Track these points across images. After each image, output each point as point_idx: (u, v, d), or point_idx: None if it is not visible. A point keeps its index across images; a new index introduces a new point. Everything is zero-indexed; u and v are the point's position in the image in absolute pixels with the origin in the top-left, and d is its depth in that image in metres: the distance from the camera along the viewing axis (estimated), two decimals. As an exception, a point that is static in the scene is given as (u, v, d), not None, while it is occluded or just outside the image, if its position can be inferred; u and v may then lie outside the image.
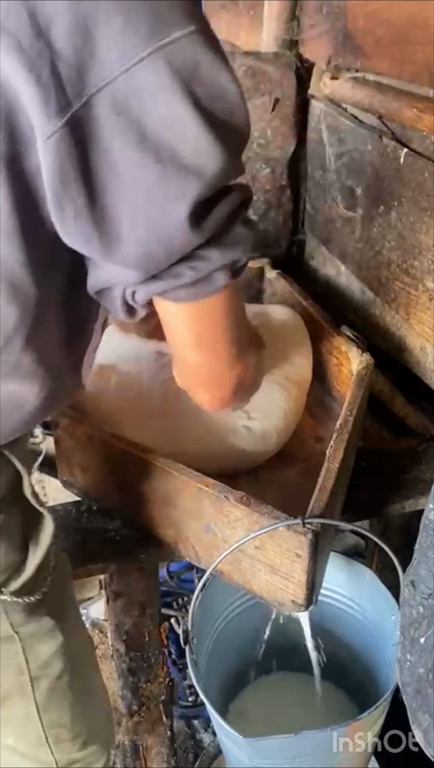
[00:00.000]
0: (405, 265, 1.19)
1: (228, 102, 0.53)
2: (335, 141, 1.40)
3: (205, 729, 1.56)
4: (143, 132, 0.50)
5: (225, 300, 0.63)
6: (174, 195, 0.52)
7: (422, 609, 0.66)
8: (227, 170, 0.54)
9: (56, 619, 0.80)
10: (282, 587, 0.86)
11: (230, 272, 0.60)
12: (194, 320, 0.65)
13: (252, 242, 0.61)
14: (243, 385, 0.74)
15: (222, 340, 0.67)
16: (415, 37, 1.09)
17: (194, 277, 0.58)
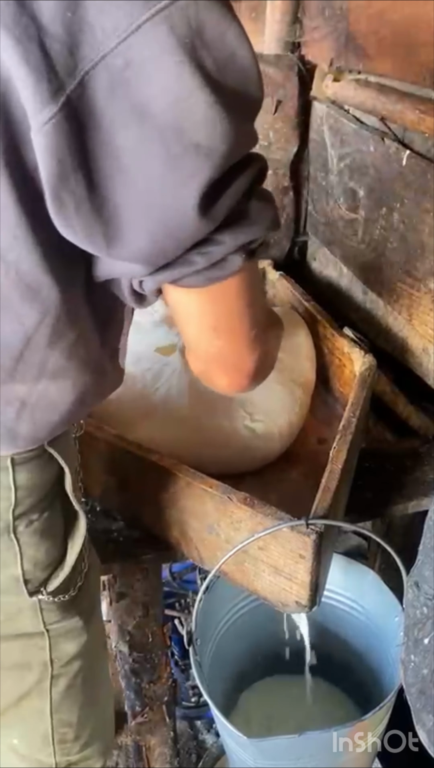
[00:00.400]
0: (407, 266, 1.19)
1: (240, 65, 0.46)
2: (337, 143, 1.40)
3: (207, 730, 1.56)
4: (145, 109, 0.45)
5: (241, 282, 0.58)
6: (181, 179, 0.47)
7: (426, 610, 0.67)
8: (240, 144, 0.48)
9: (84, 619, 0.79)
10: (286, 588, 0.86)
11: (245, 253, 0.55)
12: (210, 305, 0.60)
13: (271, 217, 0.55)
14: (263, 366, 0.70)
15: (241, 323, 0.62)
16: (418, 39, 1.09)
17: (206, 264, 0.54)
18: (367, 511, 1.08)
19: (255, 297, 0.62)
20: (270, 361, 0.75)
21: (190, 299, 0.59)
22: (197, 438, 1.03)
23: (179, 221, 0.49)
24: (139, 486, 0.96)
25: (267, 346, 0.69)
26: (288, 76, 1.48)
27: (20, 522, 0.68)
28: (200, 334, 0.63)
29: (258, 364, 0.67)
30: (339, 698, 1.26)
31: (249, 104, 0.49)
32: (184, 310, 0.62)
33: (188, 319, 0.62)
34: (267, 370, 0.73)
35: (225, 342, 0.63)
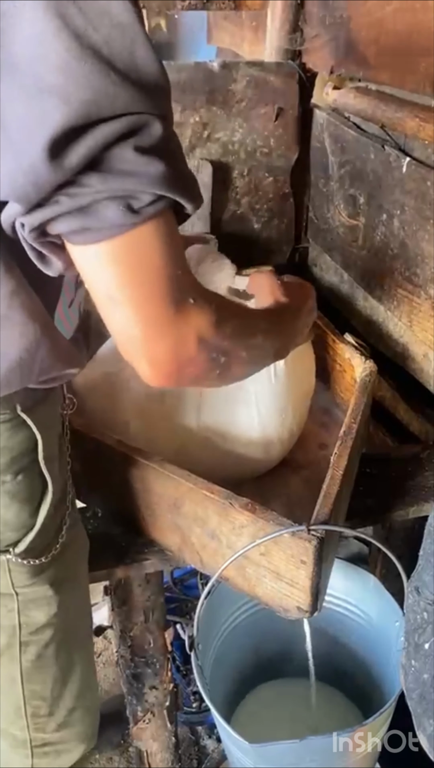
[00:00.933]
0: (407, 273, 1.19)
1: (116, 22, 0.50)
2: (338, 150, 1.41)
3: (209, 735, 1.56)
4: (12, 54, 0.49)
5: (135, 244, 0.57)
6: (36, 120, 0.50)
7: (426, 615, 0.67)
8: (107, 97, 0.50)
9: (55, 590, 0.81)
10: (287, 594, 0.86)
11: (126, 207, 0.55)
12: (103, 268, 0.58)
13: (160, 174, 0.55)
14: (190, 359, 0.64)
15: (139, 295, 0.59)
16: (417, 48, 1.10)
17: (72, 204, 0.54)
18: (368, 517, 1.09)
19: (162, 269, 0.59)
20: (219, 353, 0.68)
21: (85, 260, 0.58)
22: (197, 445, 1.03)
23: (30, 160, 0.51)
24: (141, 492, 0.97)
25: (199, 329, 0.63)
26: (289, 83, 1.49)
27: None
28: (99, 304, 0.61)
29: (171, 353, 0.62)
30: (340, 702, 1.26)
31: (129, 62, 0.51)
32: (84, 276, 0.60)
33: (89, 286, 0.60)
34: (220, 365, 0.68)
35: (124, 316, 0.60)
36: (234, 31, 1.92)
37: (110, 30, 0.50)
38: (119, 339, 0.62)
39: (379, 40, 1.22)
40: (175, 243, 0.60)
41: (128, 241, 0.57)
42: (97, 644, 1.86)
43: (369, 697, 1.17)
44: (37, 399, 0.73)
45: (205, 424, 1.04)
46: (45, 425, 0.74)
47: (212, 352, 0.65)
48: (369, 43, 1.26)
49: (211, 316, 0.64)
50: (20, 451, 0.73)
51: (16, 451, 0.72)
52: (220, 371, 0.69)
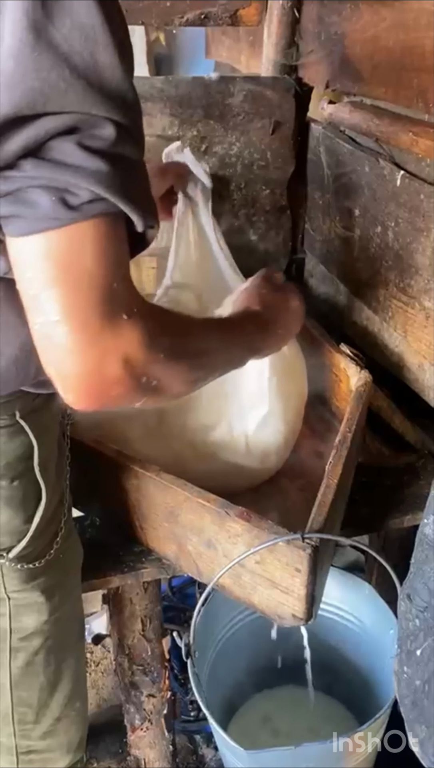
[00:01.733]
0: (402, 284, 1.21)
1: (76, 21, 0.51)
2: (333, 163, 1.43)
3: (206, 744, 1.56)
4: None
5: (70, 242, 0.54)
6: None
7: (418, 622, 0.68)
8: (57, 92, 0.51)
9: (46, 597, 0.82)
10: (283, 601, 0.87)
11: (61, 200, 0.53)
12: (28, 264, 0.55)
13: (99, 171, 0.53)
14: (126, 378, 0.59)
15: (71, 298, 0.55)
16: (411, 64, 1.12)
17: (5, 188, 0.53)
18: (363, 525, 1.10)
19: (96, 277, 0.56)
20: (167, 383, 0.65)
21: (17, 253, 0.56)
22: (193, 456, 1.04)
23: None
24: (138, 501, 0.98)
25: (133, 343, 0.59)
26: (285, 98, 1.51)
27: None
28: (26, 305, 0.57)
29: (93, 369, 0.57)
30: (336, 709, 1.27)
31: (89, 64, 0.52)
32: (16, 272, 0.57)
33: (19, 284, 0.57)
34: (133, 390, 0.61)
35: (47, 320, 0.56)
36: (231, 46, 1.94)
37: (71, 29, 0.51)
38: (40, 345, 0.58)
39: (373, 56, 1.24)
40: (115, 252, 0.57)
41: (61, 238, 0.54)
42: (96, 653, 1.87)
43: (364, 704, 1.18)
44: (36, 407, 0.74)
45: (201, 435, 1.05)
46: (42, 433, 0.75)
47: (140, 375, 0.61)
48: (364, 59, 1.28)
49: (143, 338, 0.59)
50: (16, 456, 0.73)
51: (12, 457, 0.73)
52: (152, 394, 0.64)
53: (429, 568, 0.68)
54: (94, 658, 1.86)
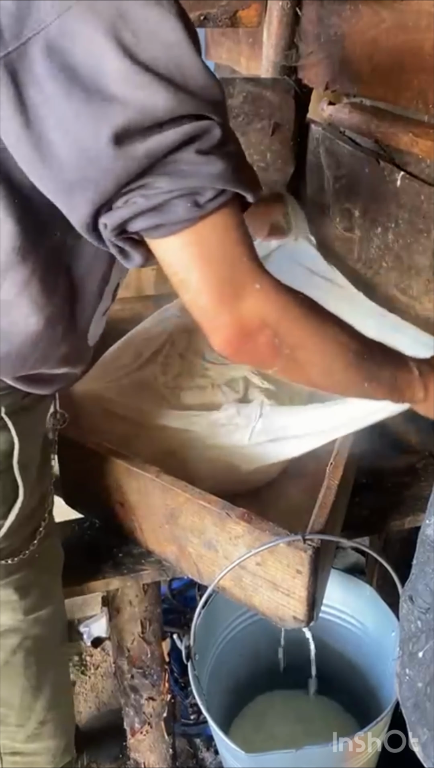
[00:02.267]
0: (402, 285, 1.21)
1: (163, 40, 0.59)
2: (333, 164, 1.43)
3: (207, 748, 1.55)
4: (72, 67, 0.58)
5: (203, 233, 0.64)
6: (99, 119, 0.58)
7: (420, 624, 0.67)
8: (164, 102, 0.59)
9: (20, 595, 0.83)
10: (284, 603, 0.87)
11: (193, 203, 0.62)
12: (176, 256, 0.66)
13: (217, 172, 0.62)
14: (251, 333, 0.70)
15: (209, 275, 0.67)
16: (411, 65, 1.12)
17: (147, 204, 0.62)
18: (365, 527, 1.09)
19: (227, 255, 0.67)
20: (297, 357, 0.74)
21: (162, 251, 0.66)
22: (196, 459, 1.04)
23: (97, 153, 0.59)
24: (138, 502, 0.97)
25: (251, 310, 0.69)
26: (285, 99, 1.50)
27: None
28: (176, 288, 0.68)
29: (232, 325, 0.69)
30: (338, 712, 1.26)
31: (177, 74, 0.59)
32: (162, 264, 0.68)
33: (167, 272, 0.68)
34: (266, 348, 0.72)
35: (193, 295, 0.68)
36: (231, 47, 1.94)
37: (159, 50, 0.59)
38: (192, 312, 0.70)
39: (373, 58, 1.24)
40: (239, 232, 0.67)
41: (196, 232, 0.64)
42: (96, 655, 1.86)
43: (366, 706, 1.17)
44: (24, 405, 0.77)
45: (202, 437, 1.05)
46: (26, 433, 0.77)
47: (273, 335, 0.71)
48: (364, 60, 1.28)
49: (277, 304, 0.70)
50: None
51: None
52: (285, 361, 0.73)
53: (431, 570, 0.67)
54: (94, 661, 1.85)
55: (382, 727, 1.00)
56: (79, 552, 1.03)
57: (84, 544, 1.04)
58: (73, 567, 1.00)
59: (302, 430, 1.02)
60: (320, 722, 1.24)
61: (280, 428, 1.03)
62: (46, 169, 0.62)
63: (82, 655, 1.85)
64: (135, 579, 1.02)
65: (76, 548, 1.04)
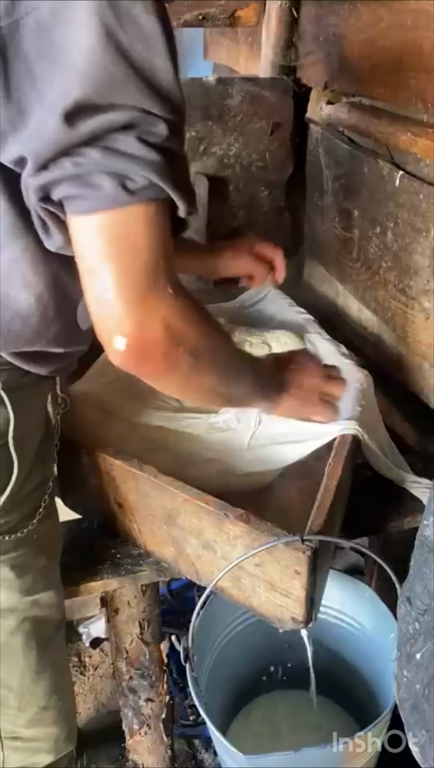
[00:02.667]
0: (401, 285, 1.20)
1: (143, 30, 0.60)
2: (332, 164, 1.42)
3: (206, 749, 1.55)
4: (60, 46, 0.59)
5: (122, 221, 0.64)
6: (61, 91, 0.60)
7: (418, 625, 0.67)
8: (121, 87, 0.60)
9: (17, 574, 0.83)
10: (282, 604, 0.87)
11: (121, 185, 0.62)
12: (90, 239, 0.65)
13: (156, 164, 0.62)
14: (166, 342, 0.69)
15: (122, 268, 0.65)
16: (409, 64, 1.11)
17: (73, 171, 0.62)
18: (363, 528, 1.09)
19: (145, 252, 0.65)
20: (199, 369, 0.75)
21: (78, 229, 0.65)
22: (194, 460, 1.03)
23: (48, 126, 0.60)
24: (136, 503, 0.97)
25: (168, 318, 0.68)
26: (284, 99, 1.50)
27: None
28: (82, 275, 0.66)
29: (138, 329, 0.67)
30: (336, 713, 1.26)
31: (148, 67, 0.61)
32: (75, 246, 0.66)
33: (77, 256, 0.66)
34: (172, 357, 0.71)
35: (100, 288, 0.65)
36: (230, 47, 1.94)
37: (138, 38, 0.60)
38: (93, 310, 0.68)
39: (372, 57, 1.24)
40: (161, 233, 0.66)
41: (117, 217, 0.64)
42: (94, 656, 1.86)
43: (365, 708, 1.17)
44: (23, 384, 0.78)
45: (201, 439, 1.05)
46: (24, 411, 0.78)
47: (178, 343, 0.70)
48: (362, 60, 1.28)
49: (182, 310, 0.70)
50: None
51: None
52: (186, 372, 0.74)
53: (429, 571, 0.67)
54: (93, 661, 1.85)
55: (382, 727, 0.99)
56: (78, 553, 1.03)
57: (82, 544, 1.04)
58: (72, 568, 0.99)
59: (301, 437, 1.02)
60: (319, 723, 1.24)
61: (279, 435, 1.03)
62: (17, 124, 0.63)
63: (81, 656, 1.85)
64: (133, 580, 1.01)
65: (75, 549, 1.03)
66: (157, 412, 1.07)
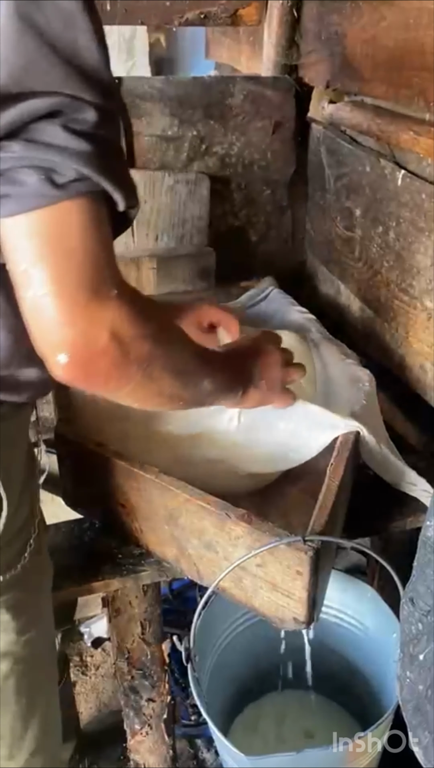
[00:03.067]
0: (403, 284, 1.20)
1: (60, 9, 0.55)
2: (334, 163, 1.42)
3: (207, 749, 1.55)
4: None
5: (57, 219, 0.57)
6: None
7: (421, 626, 0.67)
8: (40, 71, 0.55)
9: (13, 615, 0.77)
10: (284, 604, 0.86)
11: (48, 179, 0.56)
12: (20, 240, 0.58)
13: (90, 160, 0.57)
14: (114, 351, 0.62)
15: (60, 272, 0.58)
16: (411, 63, 1.11)
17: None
18: (365, 528, 1.09)
19: (83, 253, 0.59)
20: (152, 375, 0.67)
21: (7, 232, 0.58)
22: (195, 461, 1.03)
23: None
24: (138, 503, 0.97)
25: (113, 322, 0.61)
26: (286, 98, 1.50)
27: None
28: (15, 282, 0.60)
29: (81, 340, 0.60)
30: (339, 714, 1.26)
31: (70, 48, 0.56)
32: (5, 251, 0.60)
33: (9, 262, 0.60)
34: (120, 367, 0.64)
35: (37, 294, 0.59)
36: (231, 46, 1.94)
37: (54, 14, 0.55)
38: (30, 319, 0.61)
39: (374, 56, 1.24)
40: (100, 231, 0.60)
41: (49, 215, 0.57)
42: (96, 656, 1.86)
43: (367, 708, 1.17)
44: (2, 415, 0.71)
45: (202, 439, 1.05)
46: (7, 444, 0.72)
47: (126, 351, 0.63)
48: (364, 59, 1.27)
49: (130, 313, 0.62)
50: None
51: None
52: (140, 381, 0.66)
53: (432, 572, 0.67)
54: (94, 661, 1.85)
55: (384, 729, 0.99)
56: (79, 553, 1.02)
57: (84, 544, 1.04)
58: (73, 568, 0.99)
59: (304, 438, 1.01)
60: (321, 724, 1.24)
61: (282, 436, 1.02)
62: None
63: (83, 656, 1.85)
64: (135, 580, 1.01)
65: (76, 549, 1.03)
66: (159, 412, 1.07)
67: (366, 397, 1.07)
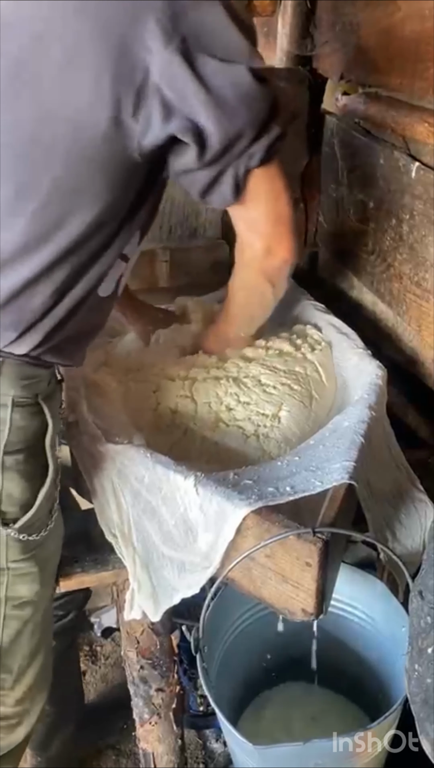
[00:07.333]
0: (416, 277, 1.20)
1: (240, 87, 0.81)
2: (348, 155, 1.41)
3: (216, 739, 1.56)
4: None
5: (269, 172, 0.91)
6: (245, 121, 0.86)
7: (430, 619, 0.67)
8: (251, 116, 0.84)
9: (40, 568, 0.90)
10: (293, 596, 0.87)
11: (266, 152, 0.88)
12: (271, 181, 0.91)
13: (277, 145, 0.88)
14: (289, 261, 0.97)
15: (281, 192, 0.93)
16: (427, 54, 1.10)
17: (261, 147, 0.87)
18: (375, 521, 1.08)
19: (283, 194, 0.95)
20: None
21: (262, 178, 0.89)
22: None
23: (241, 129, 0.84)
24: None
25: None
26: (300, 89, 1.49)
27: (8, 458, 0.82)
28: (268, 205, 0.91)
29: (273, 256, 0.95)
30: (347, 707, 1.26)
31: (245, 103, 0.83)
32: (256, 191, 0.89)
33: (259, 197, 0.90)
34: (286, 272, 1.01)
35: (279, 210, 0.92)
36: (245, 38, 1.93)
37: (217, 69, 0.79)
38: (282, 225, 0.95)
39: (389, 47, 1.23)
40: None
41: (265, 169, 0.89)
42: (106, 646, 1.87)
43: (375, 701, 1.17)
44: (50, 391, 0.87)
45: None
46: (53, 415, 0.87)
47: (290, 265, 0.98)
48: (379, 50, 1.26)
49: (295, 246, 0.96)
50: (34, 434, 0.84)
51: (30, 434, 0.84)
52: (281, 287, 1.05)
53: (442, 565, 0.67)
54: (104, 651, 1.86)
55: (391, 722, 0.99)
56: (90, 542, 1.03)
57: (93, 535, 1.04)
58: (84, 557, 1.00)
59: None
60: (329, 716, 1.24)
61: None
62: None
63: (93, 646, 1.87)
64: (144, 570, 1.01)
65: (87, 539, 1.04)
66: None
67: (378, 392, 1.06)
